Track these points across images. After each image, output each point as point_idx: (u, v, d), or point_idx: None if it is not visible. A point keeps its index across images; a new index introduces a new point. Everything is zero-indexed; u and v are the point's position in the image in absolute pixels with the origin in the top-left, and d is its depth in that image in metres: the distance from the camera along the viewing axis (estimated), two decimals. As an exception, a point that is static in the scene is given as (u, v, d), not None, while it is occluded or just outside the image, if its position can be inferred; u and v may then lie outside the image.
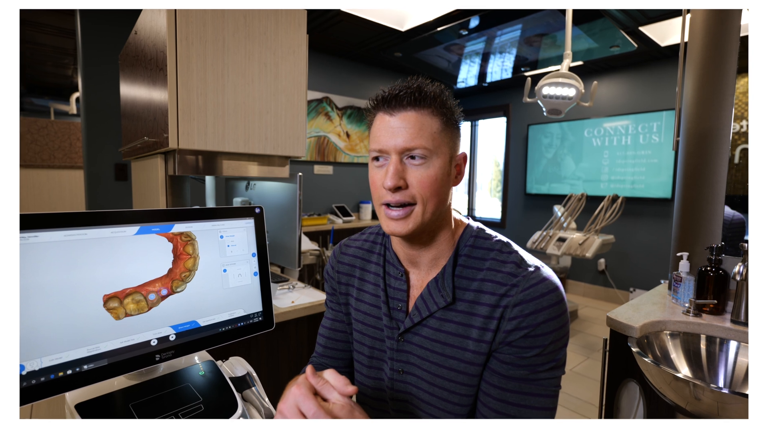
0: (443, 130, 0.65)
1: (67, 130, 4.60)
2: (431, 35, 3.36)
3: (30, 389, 0.55)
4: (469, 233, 0.71)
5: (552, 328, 0.62)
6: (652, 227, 3.99)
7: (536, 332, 0.62)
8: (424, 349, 0.69)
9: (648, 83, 3.95)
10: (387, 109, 0.65)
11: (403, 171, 0.63)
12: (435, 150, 0.64)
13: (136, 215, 0.66)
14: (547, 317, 0.62)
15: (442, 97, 0.65)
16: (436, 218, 0.67)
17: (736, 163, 1.49)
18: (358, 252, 0.82)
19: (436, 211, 0.66)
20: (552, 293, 0.63)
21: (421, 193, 0.64)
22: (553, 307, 0.63)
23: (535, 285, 0.63)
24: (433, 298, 0.68)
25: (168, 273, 0.68)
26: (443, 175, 0.65)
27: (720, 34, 1.43)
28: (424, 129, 0.63)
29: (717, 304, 1.32)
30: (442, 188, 0.65)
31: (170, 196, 1.43)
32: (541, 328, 0.62)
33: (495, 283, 0.65)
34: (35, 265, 0.56)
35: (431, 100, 0.64)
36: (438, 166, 0.64)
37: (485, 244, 0.70)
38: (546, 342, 0.62)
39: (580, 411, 2.31)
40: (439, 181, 0.64)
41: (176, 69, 1.23)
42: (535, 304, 0.62)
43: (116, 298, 0.63)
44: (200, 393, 0.68)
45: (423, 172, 0.63)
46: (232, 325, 0.76)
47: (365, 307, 0.78)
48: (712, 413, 0.99)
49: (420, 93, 0.63)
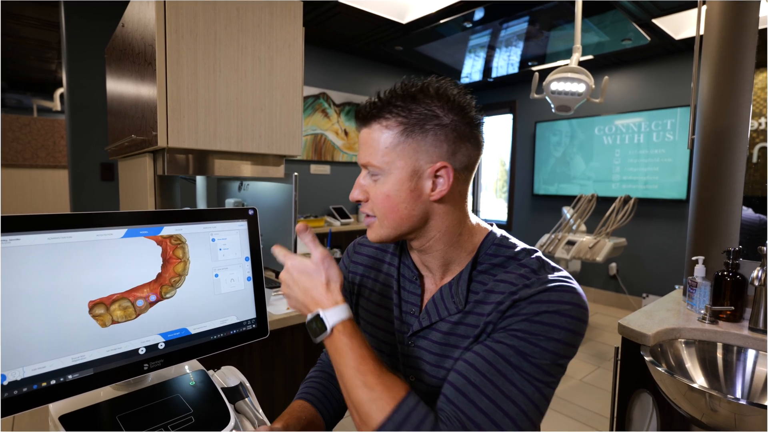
0: (401, 143, 0.63)
1: (51, 128, 4.61)
2: (433, 28, 3.37)
3: (11, 400, 0.55)
4: (491, 240, 0.70)
5: (557, 334, 0.58)
6: (666, 230, 3.99)
7: (538, 319, 0.58)
8: (433, 354, 0.69)
9: (662, 78, 3.96)
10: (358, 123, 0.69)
11: (366, 185, 0.68)
12: (385, 166, 0.64)
13: (123, 217, 0.66)
14: (556, 322, 0.58)
15: (400, 101, 0.63)
16: (410, 231, 0.68)
17: (755, 162, 1.49)
18: (372, 252, 0.85)
19: (399, 225, 0.67)
20: (570, 304, 0.59)
21: (375, 208, 0.67)
22: (565, 316, 0.59)
23: (551, 288, 0.60)
24: (444, 303, 0.69)
25: (157, 278, 0.68)
26: (399, 191, 0.64)
27: (737, 27, 1.43)
28: (371, 145, 0.65)
29: (734, 310, 1.32)
30: (400, 204, 0.65)
31: (159, 197, 1.43)
32: (545, 318, 0.58)
33: (507, 283, 0.64)
34: (17, 269, 0.56)
35: (383, 108, 0.64)
36: (391, 183, 0.64)
37: (507, 252, 0.68)
38: (546, 335, 0.58)
39: (591, 423, 2.31)
40: (392, 198, 0.65)
41: (165, 63, 1.23)
42: (546, 305, 0.59)
43: (102, 305, 0.63)
44: (191, 404, 0.68)
45: (377, 188, 0.66)
46: (224, 333, 0.76)
47: (375, 308, 0.80)
48: (729, 425, 0.99)
49: (373, 106, 0.65)
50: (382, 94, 0.65)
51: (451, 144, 0.64)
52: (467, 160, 0.66)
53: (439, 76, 0.67)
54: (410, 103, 0.63)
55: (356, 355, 0.60)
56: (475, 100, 0.68)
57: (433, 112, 0.63)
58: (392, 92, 0.65)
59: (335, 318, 0.62)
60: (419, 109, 0.63)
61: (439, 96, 0.64)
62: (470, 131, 0.65)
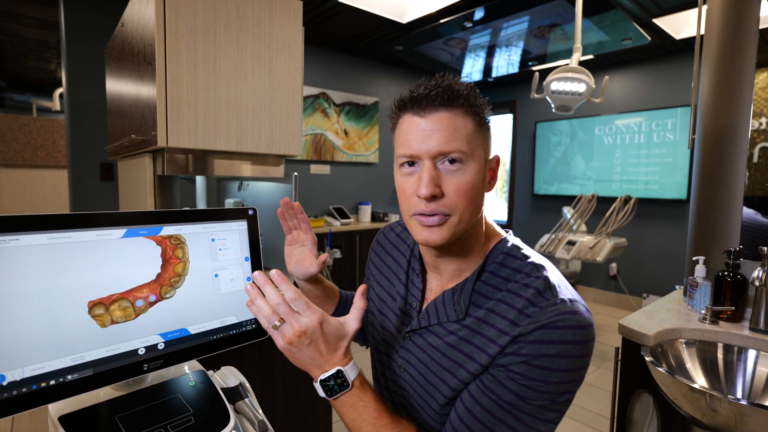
0: (477, 131, 0.63)
1: (50, 128, 4.61)
2: (433, 28, 3.37)
3: (11, 401, 0.55)
4: (501, 249, 0.68)
5: (557, 377, 0.56)
6: (667, 230, 3.99)
7: (537, 363, 0.56)
8: (425, 353, 0.69)
9: (662, 78, 3.96)
10: (416, 110, 0.62)
11: (438, 178, 0.61)
12: (471, 153, 0.61)
13: (122, 217, 0.66)
14: (556, 366, 0.56)
15: (473, 94, 0.63)
16: (470, 227, 0.65)
17: (755, 162, 1.49)
18: (395, 239, 0.87)
19: (471, 220, 0.64)
20: (571, 344, 0.56)
21: (458, 202, 0.61)
22: (565, 358, 0.56)
23: (553, 325, 0.57)
24: (445, 308, 0.68)
25: (156, 278, 0.68)
26: (479, 181, 0.63)
27: (738, 27, 1.43)
28: (458, 131, 0.60)
29: (735, 310, 1.32)
30: (477, 195, 0.63)
31: (159, 197, 1.43)
32: (545, 362, 0.56)
33: (509, 307, 0.61)
34: (16, 270, 0.56)
35: (464, 98, 0.61)
36: (475, 171, 0.62)
37: (514, 264, 0.66)
38: (545, 380, 0.56)
39: (591, 424, 2.31)
40: (475, 188, 0.62)
41: (165, 63, 1.23)
42: (546, 346, 0.56)
43: (102, 305, 0.63)
44: (190, 404, 0.68)
45: (460, 179, 0.61)
46: (224, 333, 0.76)
47: (382, 293, 0.82)
48: (730, 426, 0.99)
49: (452, 91, 0.61)
50: (454, 83, 0.62)
51: (491, 139, 0.67)
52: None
53: (443, 76, 0.67)
54: (478, 97, 0.64)
55: (373, 410, 0.61)
56: None
57: (485, 107, 0.65)
58: (455, 83, 0.62)
59: (354, 373, 0.62)
60: (480, 101, 0.64)
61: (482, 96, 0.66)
62: None
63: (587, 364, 0.59)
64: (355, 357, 0.72)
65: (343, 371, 0.61)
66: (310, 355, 0.61)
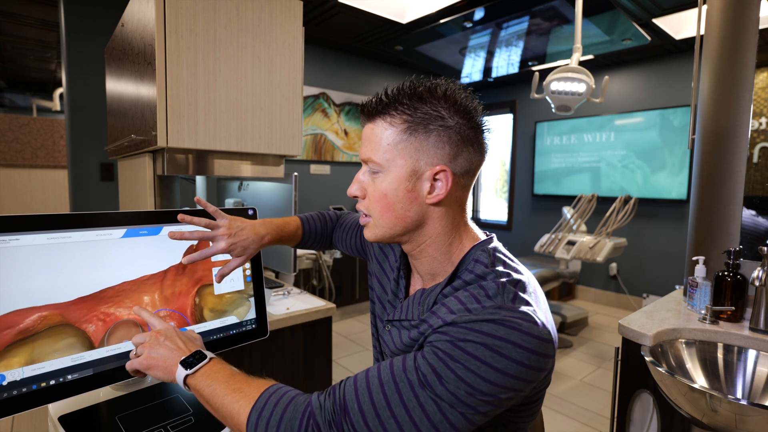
0: (403, 141, 0.62)
1: (50, 128, 4.61)
2: (433, 28, 3.36)
3: (11, 400, 0.55)
4: (473, 255, 0.65)
5: (477, 367, 0.51)
6: (667, 230, 3.99)
7: (462, 345, 0.53)
8: (393, 344, 0.70)
9: (662, 78, 3.96)
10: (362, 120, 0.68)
11: (365, 181, 0.67)
12: (386, 164, 0.63)
13: (122, 217, 0.66)
14: (479, 354, 0.52)
15: (407, 99, 0.62)
16: (404, 233, 0.66)
17: (755, 162, 1.49)
18: None
19: (394, 227, 0.65)
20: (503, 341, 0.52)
21: (373, 207, 0.66)
22: (494, 352, 0.52)
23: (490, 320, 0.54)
24: (411, 307, 0.69)
25: (156, 278, 0.68)
26: (399, 191, 0.63)
27: (738, 27, 1.43)
28: (375, 142, 0.64)
29: (735, 311, 1.32)
30: (397, 204, 0.64)
31: (159, 197, 1.43)
32: (470, 346, 0.52)
33: (459, 302, 0.59)
34: (16, 269, 0.56)
35: (389, 105, 0.62)
36: (389, 181, 0.63)
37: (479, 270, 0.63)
38: (465, 364, 0.52)
39: (591, 424, 2.31)
40: (391, 197, 0.63)
41: (165, 63, 1.23)
42: (474, 334, 0.53)
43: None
44: (190, 404, 0.68)
45: (377, 186, 0.65)
46: (224, 333, 0.76)
47: (375, 284, 0.84)
48: (730, 426, 0.99)
49: (379, 102, 0.63)
50: (390, 90, 0.64)
51: (454, 147, 0.62)
52: (468, 165, 0.64)
53: (441, 77, 0.67)
54: (417, 102, 0.62)
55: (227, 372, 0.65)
56: (482, 106, 0.66)
57: (439, 113, 0.62)
58: (400, 89, 0.63)
59: (212, 355, 0.69)
60: (425, 108, 0.61)
61: (446, 97, 0.62)
62: (474, 136, 0.64)
63: (525, 377, 0.52)
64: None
65: (202, 351, 0.67)
66: (169, 346, 0.67)
